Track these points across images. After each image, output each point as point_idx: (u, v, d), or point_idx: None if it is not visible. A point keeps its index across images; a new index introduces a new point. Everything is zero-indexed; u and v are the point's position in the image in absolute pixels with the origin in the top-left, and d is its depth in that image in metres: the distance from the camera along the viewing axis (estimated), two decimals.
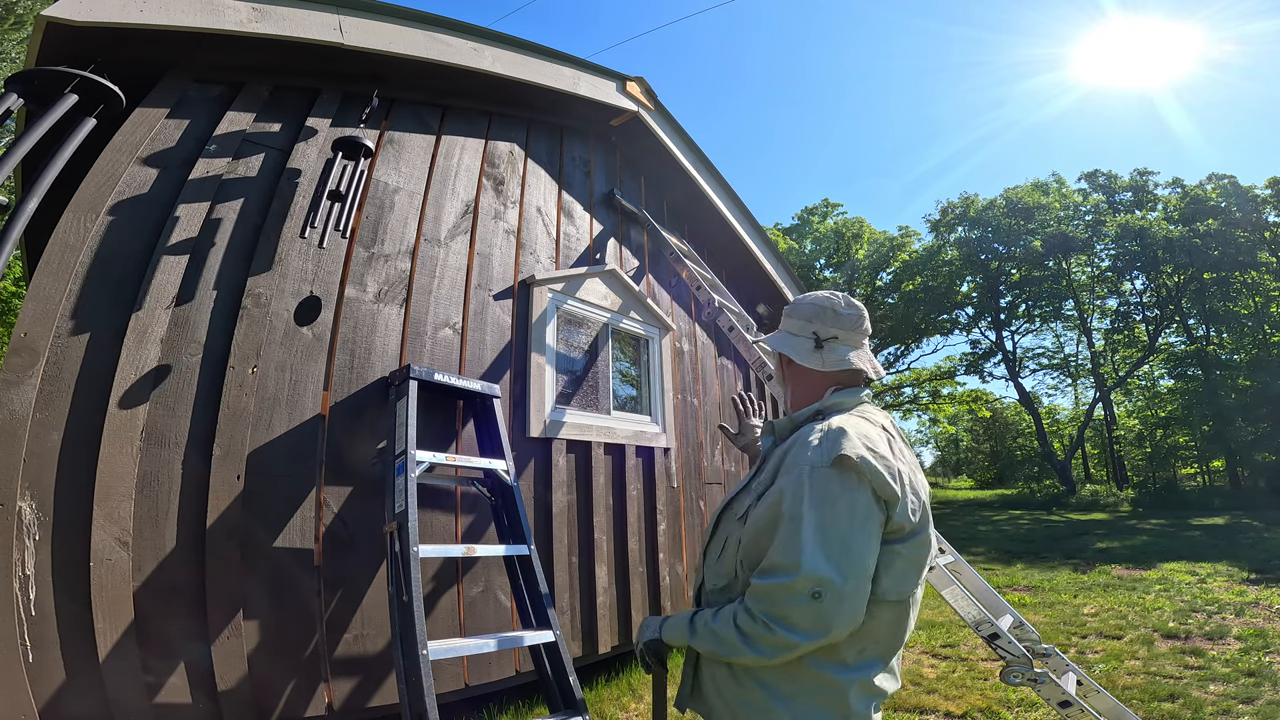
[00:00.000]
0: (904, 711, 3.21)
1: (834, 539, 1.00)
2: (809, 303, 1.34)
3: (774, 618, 1.01)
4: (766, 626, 1.02)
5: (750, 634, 1.04)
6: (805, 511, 1.02)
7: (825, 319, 1.30)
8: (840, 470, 1.04)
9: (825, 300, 1.33)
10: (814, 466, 1.05)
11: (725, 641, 1.08)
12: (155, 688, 1.97)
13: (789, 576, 1.00)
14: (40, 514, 1.89)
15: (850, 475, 1.03)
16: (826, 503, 1.02)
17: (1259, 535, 10.17)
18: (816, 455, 1.06)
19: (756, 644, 1.04)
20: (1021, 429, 31.85)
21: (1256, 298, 20.66)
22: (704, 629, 1.14)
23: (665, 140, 4.63)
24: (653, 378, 4.34)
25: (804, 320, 1.32)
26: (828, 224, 30.84)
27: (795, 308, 1.36)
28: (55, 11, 2.11)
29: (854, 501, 1.02)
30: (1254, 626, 4.55)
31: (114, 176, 2.27)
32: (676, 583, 4.10)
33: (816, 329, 1.30)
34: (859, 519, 1.02)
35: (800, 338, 1.32)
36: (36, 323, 2.00)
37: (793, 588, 0.99)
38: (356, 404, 2.66)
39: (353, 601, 2.46)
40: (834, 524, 1.01)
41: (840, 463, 1.04)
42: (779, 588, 1.01)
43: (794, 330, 1.34)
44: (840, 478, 1.03)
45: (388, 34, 2.97)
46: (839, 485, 1.03)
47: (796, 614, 0.99)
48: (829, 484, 1.03)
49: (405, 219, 3.09)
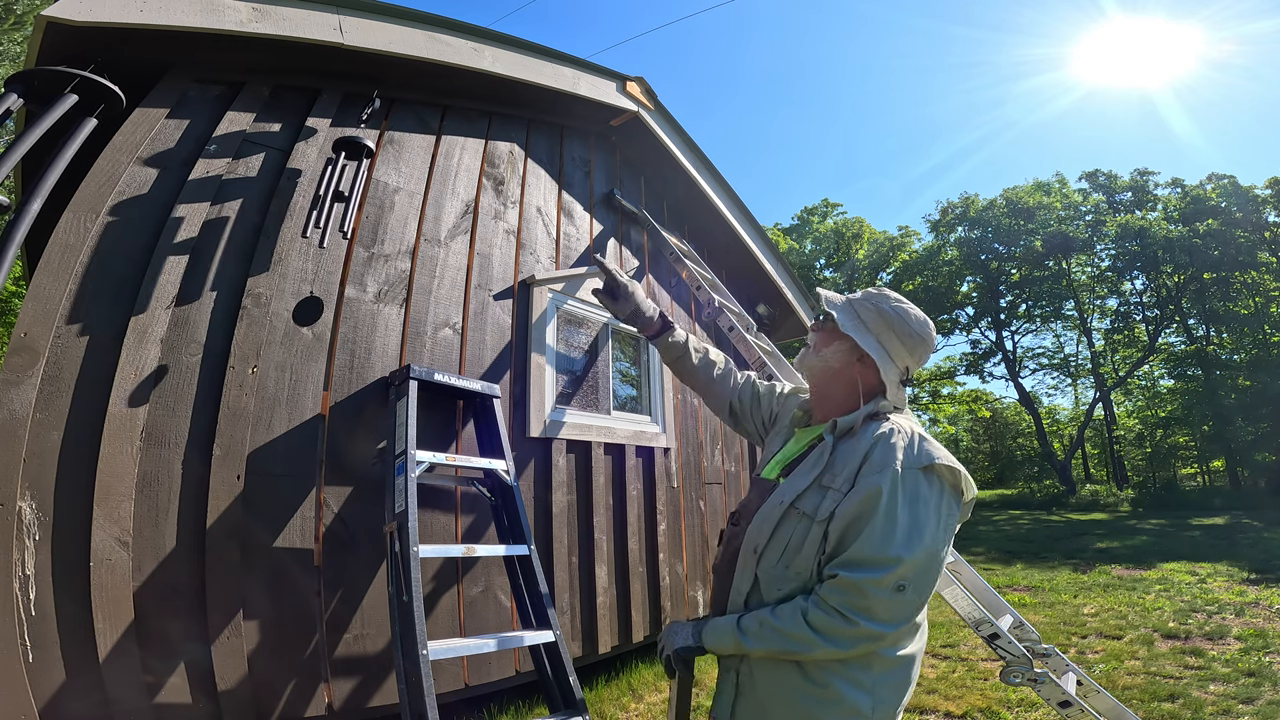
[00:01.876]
0: (904, 711, 3.21)
1: (924, 538, 1.08)
2: (918, 335, 1.29)
3: (856, 610, 1.06)
4: (845, 619, 1.06)
5: (826, 628, 1.07)
6: (900, 510, 1.08)
7: (920, 358, 1.32)
8: (929, 474, 1.13)
9: (930, 337, 1.32)
10: (907, 468, 1.12)
11: (795, 639, 1.09)
12: (155, 688, 1.97)
13: (883, 571, 1.05)
14: (40, 514, 1.89)
15: (935, 479, 1.13)
16: (921, 504, 1.10)
17: (1259, 535, 10.17)
18: (908, 458, 1.13)
19: (835, 637, 1.07)
20: (1021, 429, 31.87)
21: (1256, 298, 20.66)
22: (762, 630, 1.13)
23: (665, 140, 4.63)
24: (653, 378, 4.34)
25: (905, 350, 1.29)
26: (828, 224, 30.88)
27: (902, 329, 1.29)
28: (55, 11, 2.11)
29: (940, 504, 1.12)
30: (1254, 626, 4.55)
31: (114, 176, 2.27)
32: (676, 583, 4.10)
33: (910, 365, 1.31)
34: (943, 519, 1.12)
35: (894, 363, 1.28)
36: (36, 323, 2.00)
37: (882, 582, 1.05)
38: (356, 404, 2.66)
39: (353, 601, 2.46)
40: (925, 525, 1.09)
41: (930, 468, 1.13)
42: (868, 581, 1.05)
43: (892, 351, 1.29)
44: (928, 480, 1.12)
45: (388, 34, 2.97)
46: (929, 488, 1.12)
47: (879, 606, 1.05)
48: (919, 486, 1.11)
49: (405, 219, 3.09)
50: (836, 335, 1.34)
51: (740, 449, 5.32)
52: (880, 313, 1.30)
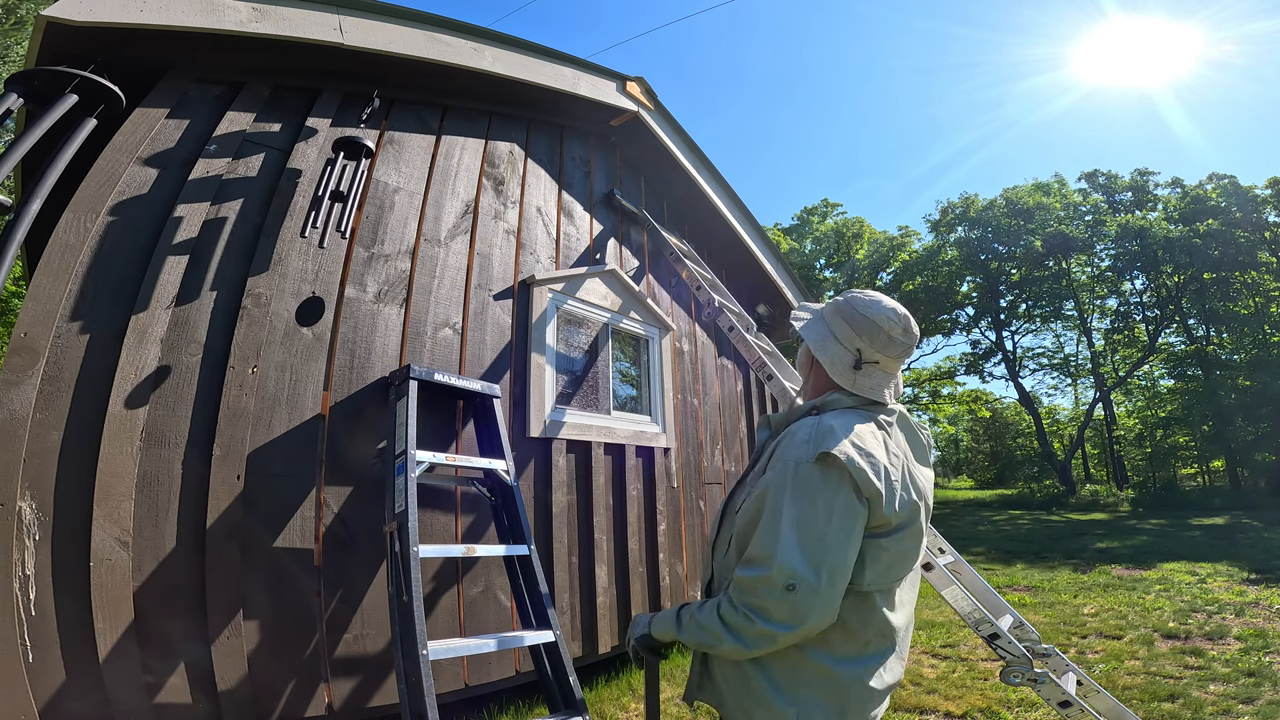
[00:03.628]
0: (904, 711, 3.21)
1: (811, 534, 1.02)
2: (864, 315, 1.20)
3: (753, 609, 1.04)
4: (747, 618, 1.05)
5: (732, 624, 1.07)
6: (785, 506, 1.04)
7: (877, 340, 1.19)
8: (823, 466, 1.05)
9: (883, 319, 1.19)
10: (799, 462, 1.07)
11: (709, 632, 1.11)
12: (155, 688, 1.97)
13: (765, 569, 1.03)
14: (40, 514, 1.89)
15: (833, 472, 1.05)
16: (806, 498, 1.04)
17: (1259, 535, 10.17)
18: (802, 451, 1.08)
19: (739, 634, 1.06)
20: (1021, 429, 31.85)
21: (1256, 298, 20.65)
22: (690, 622, 1.16)
23: (665, 140, 4.63)
24: (653, 378, 4.34)
25: (853, 331, 1.20)
26: (828, 224, 30.87)
27: (848, 311, 1.22)
28: (55, 11, 2.11)
29: (834, 498, 1.04)
30: (1254, 626, 4.55)
31: (114, 176, 2.27)
32: (676, 583, 4.10)
33: (862, 347, 1.19)
34: (838, 515, 1.03)
35: (843, 348, 1.21)
36: (36, 323, 2.00)
37: (769, 580, 1.02)
38: (356, 404, 2.66)
39: (353, 601, 2.46)
40: (813, 519, 1.03)
41: (824, 459, 1.05)
42: (757, 580, 1.03)
43: (839, 335, 1.22)
44: (823, 474, 1.05)
45: (388, 34, 2.97)
46: (820, 481, 1.04)
47: (772, 606, 1.02)
48: (810, 479, 1.05)
49: (405, 219, 3.09)
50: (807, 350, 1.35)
51: (740, 449, 5.32)
52: (835, 305, 1.27)
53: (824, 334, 1.25)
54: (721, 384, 5.21)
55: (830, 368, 1.21)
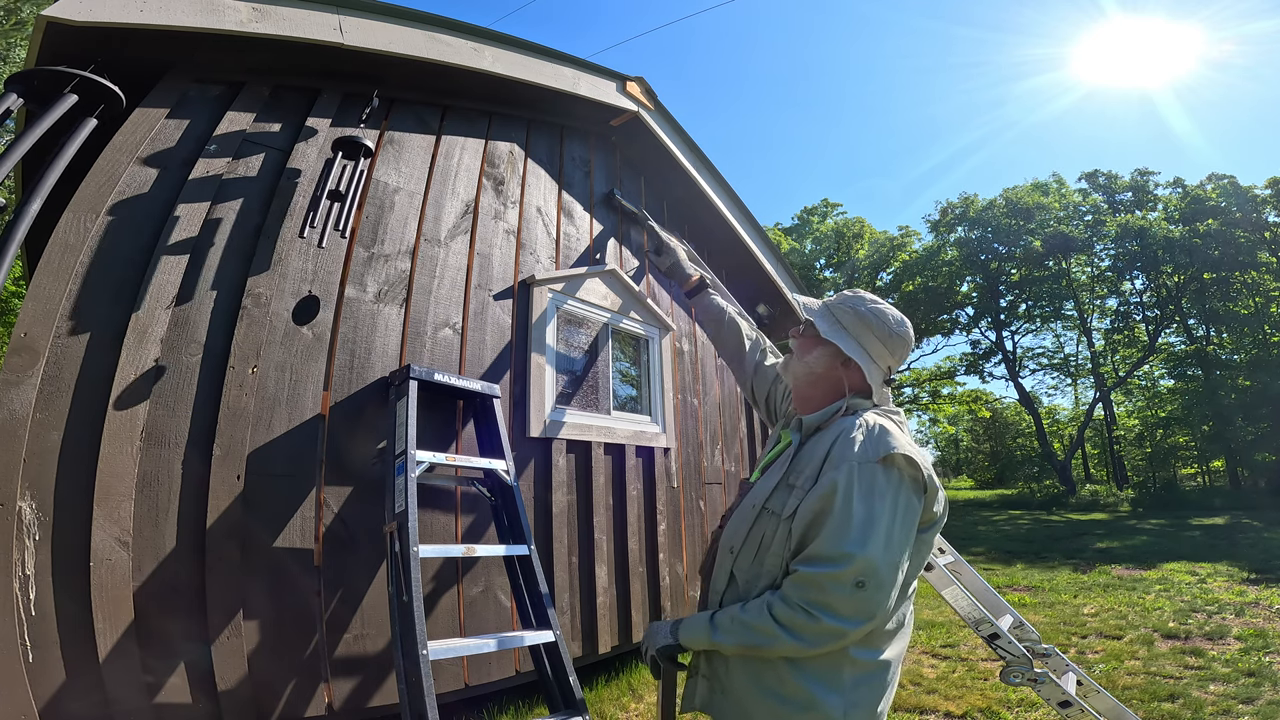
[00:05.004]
0: (904, 711, 3.21)
1: (880, 532, 1.06)
2: (897, 334, 1.31)
3: (817, 605, 1.05)
4: (809, 614, 1.05)
5: (790, 623, 1.07)
6: (855, 505, 1.07)
7: (898, 357, 1.33)
8: (886, 467, 1.11)
9: (908, 337, 1.33)
10: (862, 462, 1.11)
11: (761, 633, 1.10)
12: (155, 688, 1.97)
13: (838, 566, 1.04)
14: (40, 514, 1.89)
15: (894, 471, 1.11)
16: (875, 497, 1.08)
17: (1259, 535, 10.18)
18: (864, 451, 1.12)
19: (799, 633, 1.06)
20: (1021, 429, 31.85)
21: (1256, 298, 20.66)
22: (732, 624, 1.14)
23: (665, 140, 4.63)
24: (653, 378, 4.34)
25: (887, 350, 1.31)
26: (828, 224, 30.89)
27: (885, 327, 1.30)
28: (55, 11, 2.11)
29: (897, 496, 1.10)
30: (1254, 626, 4.55)
31: (114, 176, 2.27)
32: (676, 583, 4.10)
33: (891, 364, 1.32)
34: (901, 513, 1.09)
35: (876, 365, 1.30)
36: (36, 323, 2.00)
37: (839, 577, 1.04)
38: (356, 404, 2.66)
39: (353, 601, 2.46)
40: (880, 517, 1.07)
41: (888, 460, 1.11)
42: (826, 577, 1.05)
43: (873, 352, 1.30)
44: (886, 473, 1.10)
45: (387, 34, 2.97)
46: (884, 480, 1.10)
47: (839, 602, 1.04)
48: (876, 479, 1.09)
49: (405, 219, 3.09)
50: (819, 341, 1.35)
51: (740, 449, 5.32)
52: (858, 315, 1.32)
53: (858, 350, 1.30)
54: (722, 384, 5.21)
55: (871, 379, 1.29)
